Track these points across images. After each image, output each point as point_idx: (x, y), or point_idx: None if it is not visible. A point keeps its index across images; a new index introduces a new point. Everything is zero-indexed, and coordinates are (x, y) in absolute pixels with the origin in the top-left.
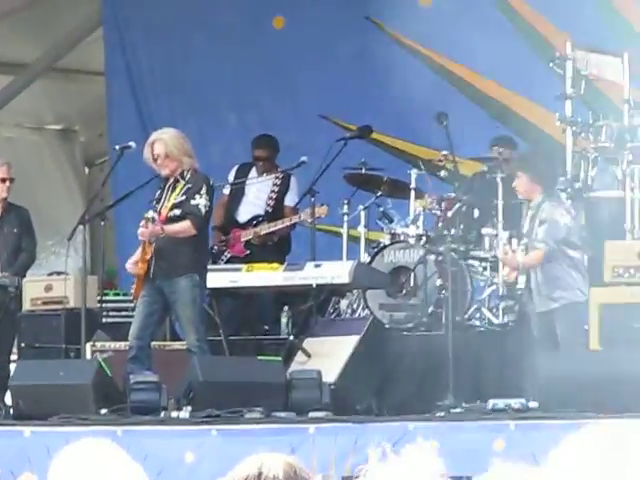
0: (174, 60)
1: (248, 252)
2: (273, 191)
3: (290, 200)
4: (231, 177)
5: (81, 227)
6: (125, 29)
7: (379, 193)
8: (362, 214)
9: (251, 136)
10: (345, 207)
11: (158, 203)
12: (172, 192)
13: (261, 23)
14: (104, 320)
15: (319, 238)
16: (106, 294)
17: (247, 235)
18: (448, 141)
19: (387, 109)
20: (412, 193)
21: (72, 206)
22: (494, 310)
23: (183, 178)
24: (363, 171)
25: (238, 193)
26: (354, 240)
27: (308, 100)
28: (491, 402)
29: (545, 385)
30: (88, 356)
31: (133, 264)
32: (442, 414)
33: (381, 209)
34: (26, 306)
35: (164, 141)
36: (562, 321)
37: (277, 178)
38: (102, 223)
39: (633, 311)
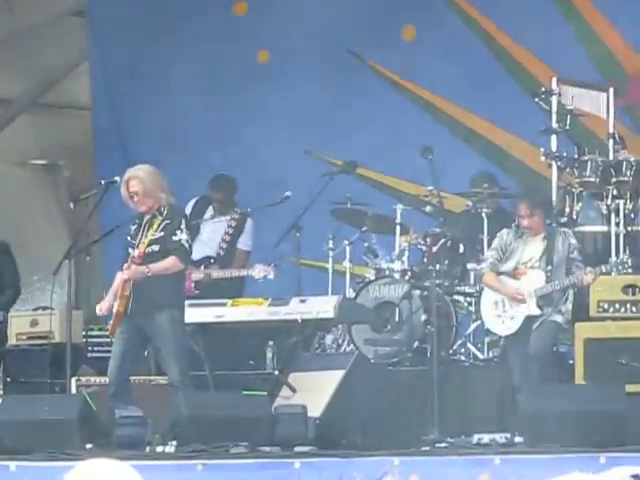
0: (158, 95)
1: (197, 292)
2: (227, 233)
3: (243, 243)
4: (188, 209)
5: (66, 262)
6: (110, 64)
7: (364, 228)
8: (347, 249)
9: (235, 171)
10: (330, 242)
11: (134, 239)
12: (149, 228)
13: (245, 57)
14: (89, 355)
15: (304, 273)
16: (91, 329)
17: (198, 276)
18: (433, 176)
19: (372, 144)
20: (397, 228)
21: (57, 241)
22: (479, 345)
23: (160, 214)
24: (348, 206)
25: (193, 229)
26: (339, 275)
27: (292, 135)
28: (476, 437)
29: (530, 420)
30: (73, 391)
31: (106, 308)
32: (427, 448)
33: (366, 244)
34: (11, 341)
35: (140, 178)
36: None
37: (233, 219)
38: (87, 258)
39: (618, 346)
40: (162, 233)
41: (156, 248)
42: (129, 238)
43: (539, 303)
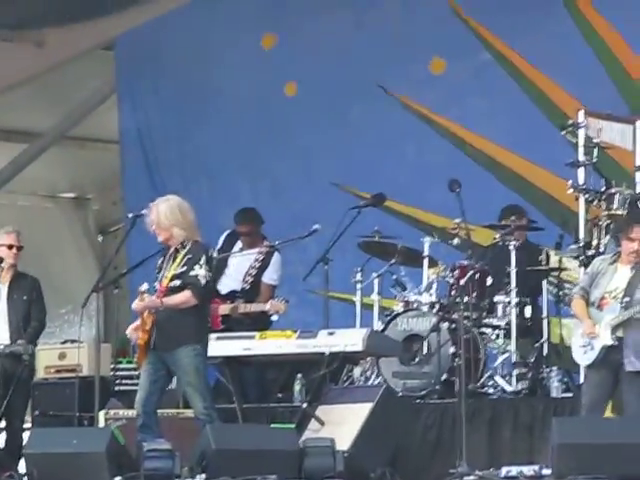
0: (186, 127)
1: (223, 326)
2: (253, 267)
3: (268, 277)
4: (219, 242)
5: (95, 295)
6: (138, 97)
7: (392, 261)
8: (375, 282)
9: (263, 202)
10: (358, 275)
11: (159, 272)
12: (172, 262)
13: (273, 89)
14: (117, 388)
15: (332, 306)
16: (119, 362)
17: (224, 310)
18: (461, 209)
19: (400, 177)
20: (425, 261)
21: (85, 274)
22: (507, 377)
23: (184, 248)
24: (377, 239)
25: (221, 262)
26: (367, 307)
27: (320, 167)
28: (504, 469)
29: (559, 452)
30: (101, 424)
31: (134, 330)
32: None
33: (394, 277)
34: (40, 374)
35: (157, 209)
36: (636, 386)
37: (260, 253)
38: (115, 291)
39: None
40: (184, 268)
41: (178, 283)
42: (156, 271)
43: (614, 334)
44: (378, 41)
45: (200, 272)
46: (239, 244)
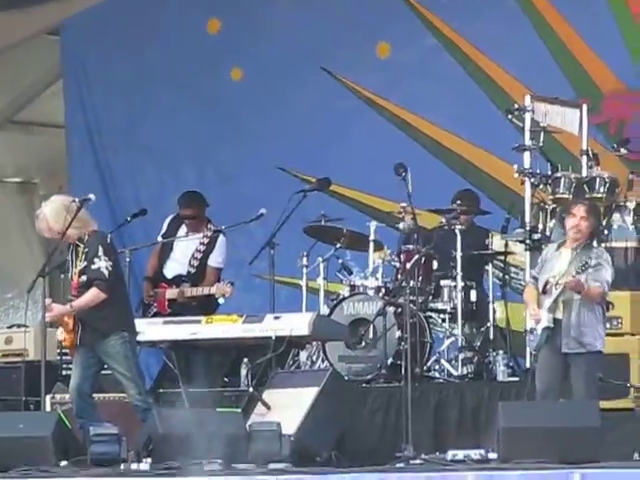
0: (132, 113)
1: (170, 311)
2: (198, 250)
3: (213, 260)
4: (164, 227)
5: (41, 279)
6: (84, 82)
7: (338, 245)
8: (321, 266)
9: (209, 187)
10: (304, 259)
11: (68, 271)
12: (76, 258)
13: (219, 74)
14: (64, 372)
15: (279, 290)
16: (66, 347)
17: (171, 294)
18: (407, 193)
19: (346, 161)
20: (371, 245)
21: (31, 259)
22: (453, 362)
23: (82, 242)
24: (322, 223)
25: (167, 246)
26: (313, 292)
27: (266, 152)
28: (450, 453)
29: (504, 436)
30: (48, 408)
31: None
32: (402, 465)
33: (340, 261)
34: None
35: (44, 217)
36: (580, 368)
37: (205, 237)
38: (62, 276)
39: None
40: (85, 262)
41: (84, 278)
42: (64, 270)
43: (550, 315)
44: (324, 25)
45: (101, 264)
46: (183, 228)
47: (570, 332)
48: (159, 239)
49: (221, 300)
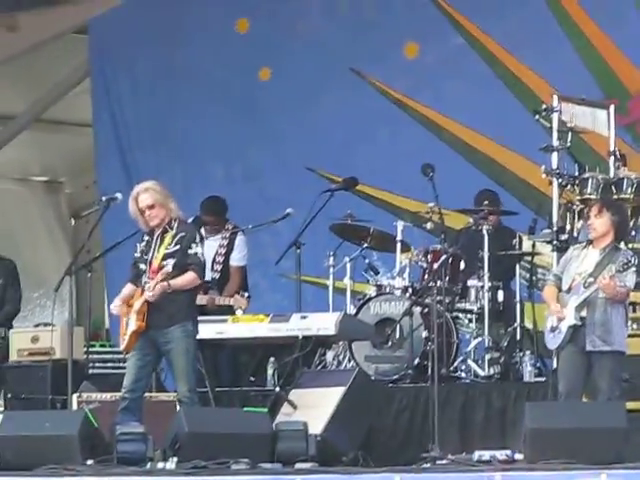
0: (160, 111)
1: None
2: (219, 254)
3: (235, 259)
4: None
5: (67, 278)
6: (112, 81)
7: (365, 245)
8: (348, 266)
9: (236, 186)
10: (331, 259)
11: (146, 254)
12: (161, 243)
13: (247, 74)
14: (90, 371)
15: (305, 290)
16: (92, 345)
17: (200, 300)
18: (434, 193)
19: (373, 161)
20: (398, 245)
21: (58, 258)
22: (480, 362)
23: (171, 228)
24: (349, 222)
25: None
26: (340, 292)
27: (294, 152)
28: (477, 454)
29: (531, 436)
30: (74, 407)
31: (120, 306)
32: (428, 465)
33: (367, 261)
34: (13, 357)
35: (152, 190)
36: (604, 367)
37: (224, 238)
38: (89, 275)
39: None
40: (177, 247)
41: (171, 262)
42: (139, 255)
43: (577, 314)
44: (352, 26)
45: (198, 250)
46: (202, 231)
47: (595, 330)
48: None
49: (239, 312)
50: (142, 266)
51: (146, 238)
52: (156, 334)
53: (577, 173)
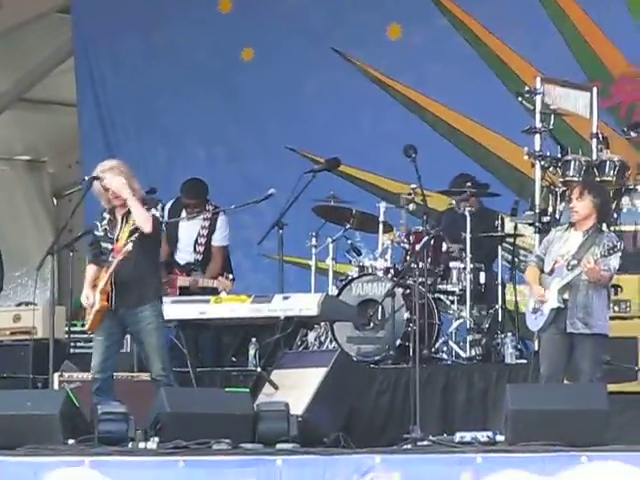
0: (142, 92)
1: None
2: (201, 235)
3: (217, 240)
4: (166, 214)
5: (49, 258)
6: (95, 61)
7: (347, 226)
8: (330, 247)
9: (218, 167)
10: (313, 240)
11: (111, 234)
12: (126, 222)
13: (230, 54)
14: (72, 351)
15: (287, 270)
16: (74, 325)
17: (183, 282)
18: (417, 174)
19: (355, 142)
20: (380, 226)
21: (40, 237)
22: (461, 343)
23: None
24: (332, 204)
25: (172, 233)
26: (322, 272)
27: (276, 132)
28: (458, 435)
29: (512, 418)
30: (56, 386)
31: (91, 295)
32: (409, 446)
33: (349, 242)
34: None
35: (117, 169)
36: (586, 349)
37: (205, 220)
38: (71, 254)
39: None
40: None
41: (134, 237)
42: (102, 233)
43: (560, 296)
44: (336, 7)
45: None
46: (184, 213)
47: (577, 313)
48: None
49: (223, 294)
50: (106, 245)
51: (107, 216)
52: (126, 314)
53: (559, 155)
